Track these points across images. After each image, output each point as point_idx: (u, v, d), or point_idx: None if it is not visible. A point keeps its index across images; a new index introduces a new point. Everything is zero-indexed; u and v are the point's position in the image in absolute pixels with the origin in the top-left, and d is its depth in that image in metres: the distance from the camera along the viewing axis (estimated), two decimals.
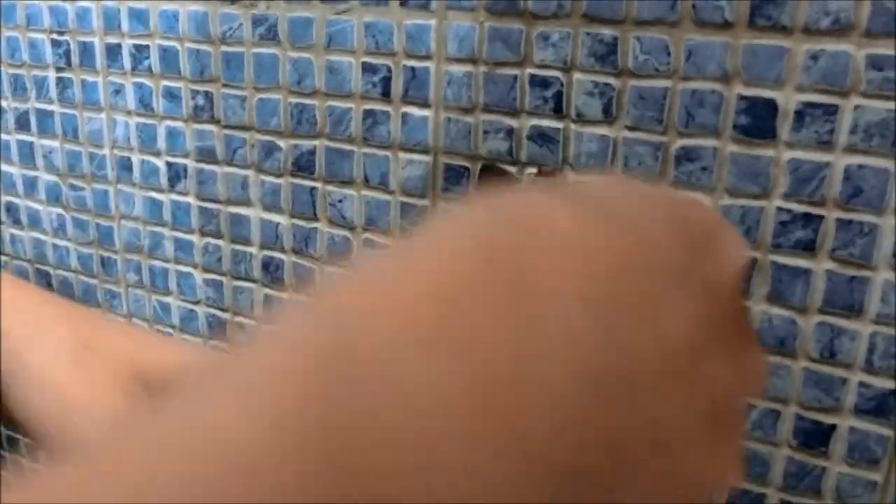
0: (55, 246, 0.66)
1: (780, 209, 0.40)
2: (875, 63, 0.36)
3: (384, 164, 0.49)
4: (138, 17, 0.55)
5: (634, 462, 0.17)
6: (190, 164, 0.57)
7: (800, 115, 0.38)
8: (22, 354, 0.35)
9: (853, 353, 0.40)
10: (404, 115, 0.47)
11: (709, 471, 0.19)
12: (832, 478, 0.42)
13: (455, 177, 0.47)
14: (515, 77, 0.43)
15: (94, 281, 0.65)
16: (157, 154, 0.58)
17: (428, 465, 0.15)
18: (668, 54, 0.40)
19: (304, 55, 0.49)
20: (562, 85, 0.43)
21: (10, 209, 0.68)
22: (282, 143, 0.52)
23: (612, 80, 0.41)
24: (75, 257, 0.65)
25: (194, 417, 0.15)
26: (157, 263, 0.61)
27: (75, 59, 0.59)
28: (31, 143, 0.64)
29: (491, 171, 0.43)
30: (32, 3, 0.60)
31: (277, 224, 0.54)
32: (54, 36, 0.60)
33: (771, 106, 0.38)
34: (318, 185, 0.52)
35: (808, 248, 0.40)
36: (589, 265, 0.17)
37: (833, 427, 0.42)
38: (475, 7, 0.43)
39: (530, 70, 0.43)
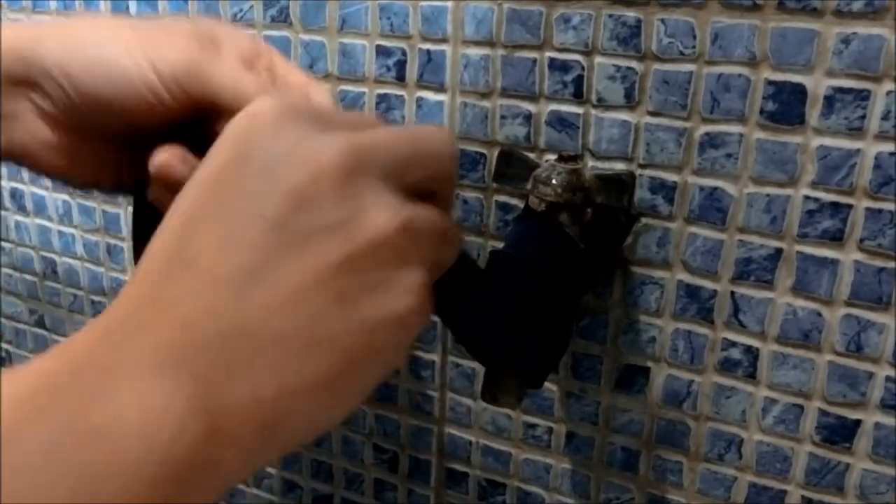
0: (60, 233, 0.65)
1: (807, 198, 0.39)
2: None
3: None
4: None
5: None
6: None
7: (829, 101, 0.37)
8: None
9: (880, 347, 0.39)
10: (419, 100, 0.46)
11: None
12: (856, 474, 0.41)
13: (471, 163, 0.46)
14: (534, 61, 0.42)
15: (100, 269, 0.64)
16: None
17: None
18: (694, 37, 0.39)
19: (317, 38, 0.48)
20: (582, 69, 0.41)
21: (15, 195, 0.67)
22: None
23: (634, 64, 0.40)
24: (81, 244, 0.64)
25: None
26: None
27: None
28: None
29: (509, 156, 0.42)
30: None
31: None
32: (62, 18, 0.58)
33: (800, 91, 0.37)
34: None
35: (836, 238, 0.38)
36: None
37: (858, 422, 0.41)
38: None
39: (550, 53, 0.42)
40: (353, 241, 0.25)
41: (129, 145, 0.36)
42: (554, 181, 0.38)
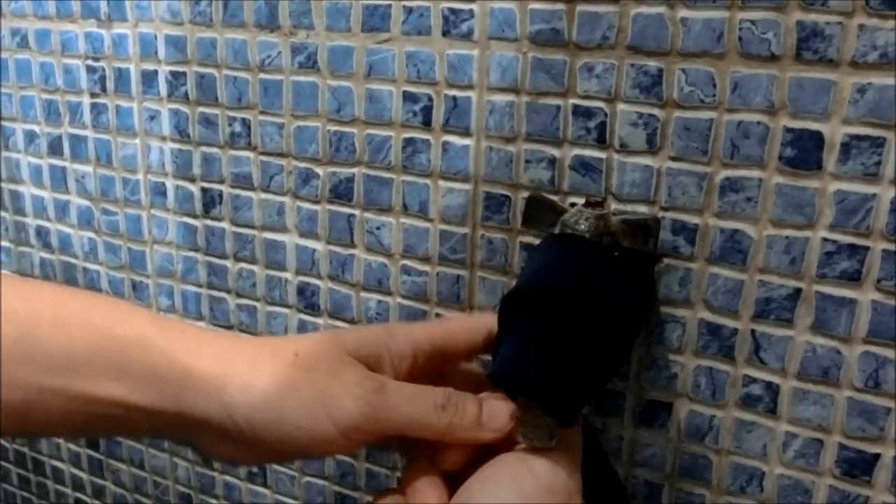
0: (86, 270, 0.67)
1: (825, 240, 0.40)
2: None
3: (424, 192, 0.49)
4: (175, 44, 0.56)
5: None
6: (225, 189, 0.57)
7: (846, 148, 0.38)
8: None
9: None
10: (445, 144, 0.48)
11: None
12: None
13: (496, 205, 0.47)
14: (558, 107, 0.44)
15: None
16: (192, 180, 0.58)
17: None
18: (714, 86, 0.40)
19: (344, 84, 0.50)
20: (605, 115, 0.43)
21: (41, 233, 0.68)
22: (319, 170, 0.52)
23: (656, 111, 0.42)
24: (106, 281, 0.66)
25: None
26: (190, 288, 0.61)
27: (110, 84, 0.60)
28: (64, 168, 0.65)
29: (537, 201, 0.44)
30: (68, 30, 0.60)
31: (314, 250, 0.54)
32: (90, 62, 0.60)
33: (817, 138, 0.39)
34: (356, 212, 0.52)
35: (854, 278, 0.40)
36: None
37: (877, 456, 0.42)
38: (518, 37, 0.44)
39: (573, 100, 0.43)
40: None
41: None
42: (582, 226, 0.39)
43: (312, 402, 0.36)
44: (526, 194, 0.46)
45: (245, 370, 0.37)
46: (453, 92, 0.47)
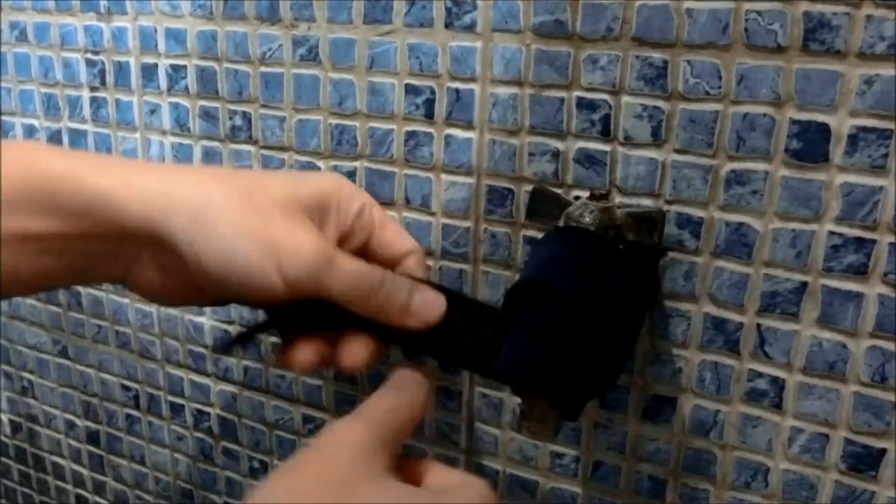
0: None
1: (831, 233, 0.40)
2: None
3: (426, 186, 0.49)
4: (176, 37, 0.55)
5: None
6: None
7: (853, 140, 0.38)
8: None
9: None
10: (447, 137, 0.47)
11: None
12: (882, 502, 0.42)
13: (499, 199, 0.47)
14: (562, 100, 0.43)
15: (125, 300, 0.65)
16: None
17: None
18: (720, 78, 0.40)
19: (346, 76, 0.49)
20: (610, 108, 0.43)
21: None
22: (321, 163, 0.52)
23: (661, 104, 0.41)
24: None
25: None
26: None
27: (110, 78, 0.59)
28: None
29: (541, 194, 0.43)
30: (67, 24, 0.60)
31: None
32: (89, 55, 0.60)
33: (824, 130, 0.38)
34: None
35: (860, 271, 0.39)
36: None
37: (883, 451, 0.41)
38: (522, 29, 0.43)
39: (578, 93, 0.43)
40: None
41: None
42: (586, 219, 0.39)
43: (265, 250, 0.36)
44: (529, 187, 0.45)
45: (192, 196, 0.36)
46: (456, 84, 0.46)
